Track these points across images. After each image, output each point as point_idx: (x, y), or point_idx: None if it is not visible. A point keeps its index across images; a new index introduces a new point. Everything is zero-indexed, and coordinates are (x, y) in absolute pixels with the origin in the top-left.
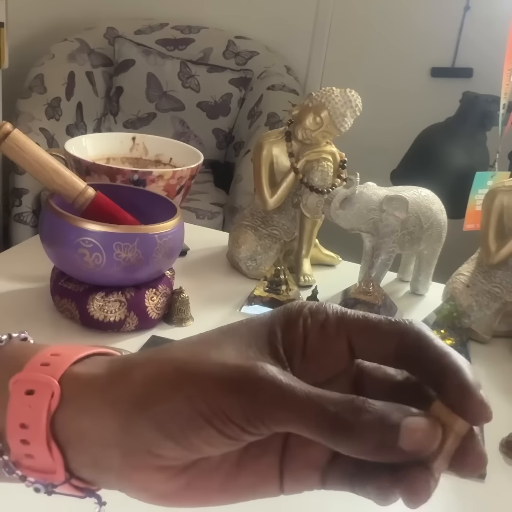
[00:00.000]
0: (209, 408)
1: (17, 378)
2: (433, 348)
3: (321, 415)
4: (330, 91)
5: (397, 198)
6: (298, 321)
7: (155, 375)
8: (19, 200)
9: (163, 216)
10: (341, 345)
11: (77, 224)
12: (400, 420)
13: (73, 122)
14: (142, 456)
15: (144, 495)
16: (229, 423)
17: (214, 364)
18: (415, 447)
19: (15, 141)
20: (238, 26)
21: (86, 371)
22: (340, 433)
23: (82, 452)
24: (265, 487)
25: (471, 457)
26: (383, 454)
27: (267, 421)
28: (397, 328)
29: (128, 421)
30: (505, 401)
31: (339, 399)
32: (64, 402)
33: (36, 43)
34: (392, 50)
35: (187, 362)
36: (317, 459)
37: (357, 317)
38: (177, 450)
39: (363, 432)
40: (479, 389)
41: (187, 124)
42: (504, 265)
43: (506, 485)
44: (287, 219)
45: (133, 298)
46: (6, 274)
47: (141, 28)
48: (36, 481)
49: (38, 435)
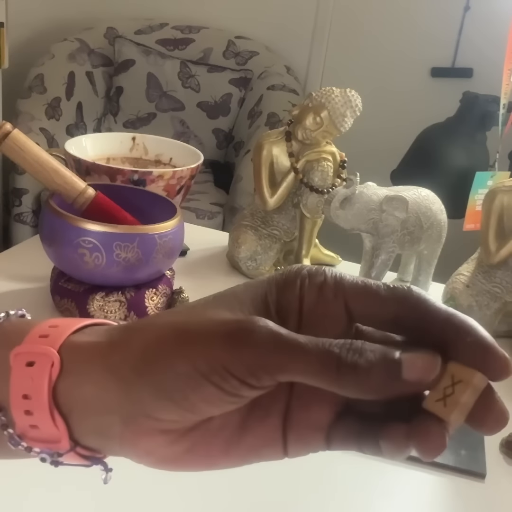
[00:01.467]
0: (208, 364)
1: (17, 351)
2: (437, 310)
3: (325, 358)
4: (330, 91)
5: (397, 198)
6: (296, 282)
7: (154, 339)
8: (19, 200)
9: (163, 216)
10: (338, 309)
11: (77, 224)
12: (400, 354)
13: (73, 122)
14: (143, 420)
15: (147, 460)
16: (228, 377)
17: (212, 321)
18: (418, 375)
19: (15, 141)
20: (238, 26)
21: (85, 339)
22: (346, 372)
23: (85, 419)
24: (269, 449)
25: (492, 413)
26: (389, 389)
27: (272, 369)
28: (396, 293)
29: (128, 386)
30: (505, 401)
31: (340, 341)
32: (65, 371)
33: (36, 43)
34: (392, 50)
35: (185, 323)
36: (320, 419)
37: (355, 282)
38: (178, 412)
39: (368, 369)
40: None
41: (187, 124)
42: (504, 265)
43: (506, 485)
44: (287, 219)
45: (133, 298)
46: (6, 274)
47: (141, 28)
48: (41, 451)
49: (40, 404)
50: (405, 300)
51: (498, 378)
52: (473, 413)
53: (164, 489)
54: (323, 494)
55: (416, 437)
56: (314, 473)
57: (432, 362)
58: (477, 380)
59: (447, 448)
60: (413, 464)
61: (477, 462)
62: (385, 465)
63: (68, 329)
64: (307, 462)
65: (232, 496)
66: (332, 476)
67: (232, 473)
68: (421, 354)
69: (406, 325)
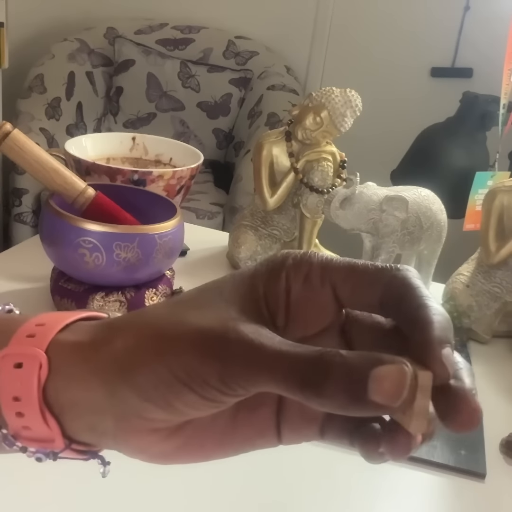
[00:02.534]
0: (187, 373)
1: (5, 353)
2: (413, 298)
3: (290, 372)
4: (330, 91)
5: (397, 198)
6: (281, 275)
7: (134, 341)
8: (19, 200)
9: (163, 216)
10: (326, 296)
11: (77, 224)
12: (368, 370)
13: (73, 122)
14: (134, 420)
15: (141, 455)
16: (207, 387)
17: (190, 327)
18: (384, 396)
19: (15, 141)
20: (238, 26)
21: (71, 339)
22: (309, 390)
23: (76, 419)
24: (263, 439)
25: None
26: (355, 408)
27: (242, 382)
28: (383, 274)
29: (113, 388)
30: (505, 401)
31: (310, 354)
32: (53, 372)
33: (36, 43)
34: (392, 50)
35: (164, 328)
36: (314, 411)
37: (342, 265)
38: (164, 414)
39: (331, 388)
40: (443, 347)
41: (187, 124)
42: (504, 265)
43: (506, 485)
44: (287, 219)
45: (133, 298)
46: (6, 274)
47: (141, 28)
48: (37, 450)
49: (31, 406)
50: (390, 280)
51: (443, 379)
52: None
53: (162, 484)
54: (323, 494)
55: (384, 443)
56: (314, 473)
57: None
58: (421, 380)
59: (447, 448)
60: (413, 464)
61: (477, 462)
62: (385, 465)
63: (55, 327)
64: (307, 462)
65: (232, 496)
66: (332, 476)
67: (232, 473)
68: (389, 370)
69: (389, 308)
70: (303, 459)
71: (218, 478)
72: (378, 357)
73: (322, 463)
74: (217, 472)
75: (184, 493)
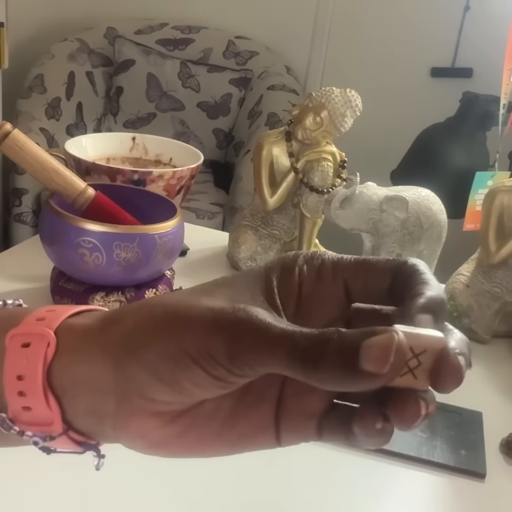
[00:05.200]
0: (196, 349)
1: (13, 333)
2: (417, 283)
3: (292, 350)
4: (330, 91)
5: (397, 198)
6: (294, 269)
7: (145, 318)
8: (19, 200)
9: (163, 216)
10: (337, 290)
11: (77, 224)
12: (360, 341)
13: (73, 122)
14: (136, 400)
15: (139, 443)
16: (214, 364)
17: (202, 307)
18: (375, 364)
19: (15, 141)
20: (238, 26)
21: (81, 321)
22: (309, 365)
23: (78, 400)
24: (261, 436)
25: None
26: (349, 380)
27: (249, 360)
28: (392, 265)
29: (121, 365)
30: (505, 401)
31: (311, 332)
32: (60, 352)
33: (36, 43)
34: (392, 50)
35: (176, 307)
36: (313, 407)
37: (353, 260)
38: (169, 393)
39: (328, 361)
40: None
41: (187, 124)
42: (504, 265)
43: (506, 485)
44: (287, 219)
45: (133, 298)
46: (6, 274)
47: (141, 28)
48: (34, 434)
49: (34, 385)
50: (399, 271)
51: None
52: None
53: (158, 483)
54: (322, 494)
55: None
56: (313, 472)
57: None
58: (441, 346)
59: (447, 448)
60: (413, 464)
61: (477, 462)
62: (386, 465)
63: (65, 312)
64: (306, 462)
65: (232, 497)
66: (331, 475)
67: (232, 473)
68: (378, 339)
69: (398, 294)
70: (301, 459)
71: (213, 476)
72: (372, 329)
73: (322, 463)
74: (213, 470)
75: (179, 490)
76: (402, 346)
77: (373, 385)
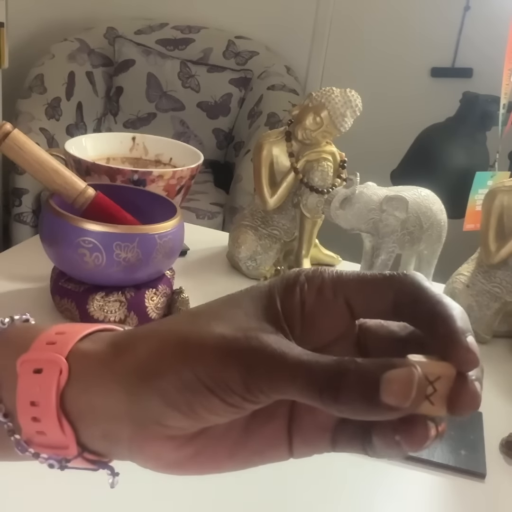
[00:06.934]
0: (211, 378)
1: (24, 359)
2: (428, 297)
3: (310, 380)
4: (330, 91)
5: (397, 198)
6: (295, 289)
7: (159, 348)
8: (19, 200)
9: (163, 216)
10: (339, 307)
11: (77, 224)
12: (380, 374)
13: (73, 122)
14: (152, 427)
15: (154, 464)
16: (230, 393)
17: (214, 336)
18: (395, 398)
19: (15, 141)
20: (238, 26)
21: (92, 347)
22: (327, 396)
23: (93, 425)
24: (274, 451)
25: (462, 396)
26: (369, 411)
27: (265, 388)
28: (393, 281)
29: (136, 394)
30: (505, 401)
31: (327, 362)
32: (72, 379)
33: (36, 43)
34: (392, 50)
35: (188, 335)
36: (326, 420)
37: (352, 277)
38: (184, 420)
39: (347, 393)
40: (467, 336)
41: (187, 124)
42: (504, 265)
43: (506, 485)
44: (287, 219)
45: (133, 298)
46: (6, 274)
47: (141, 28)
48: (49, 457)
49: (48, 411)
50: (400, 286)
51: (465, 369)
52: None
53: (164, 491)
54: (323, 494)
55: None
56: (314, 473)
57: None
58: (454, 372)
59: (447, 448)
60: (413, 464)
61: (477, 462)
62: (386, 465)
63: (75, 336)
64: (307, 462)
65: (232, 497)
66: (332, 476)
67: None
68: (398, 372)
69: (403, 312)
70: (301, 459)
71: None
72: (389, 362)
73: (322, 463)
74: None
75: (179, 490)
76: (422, 380)
77: (392, 417)
